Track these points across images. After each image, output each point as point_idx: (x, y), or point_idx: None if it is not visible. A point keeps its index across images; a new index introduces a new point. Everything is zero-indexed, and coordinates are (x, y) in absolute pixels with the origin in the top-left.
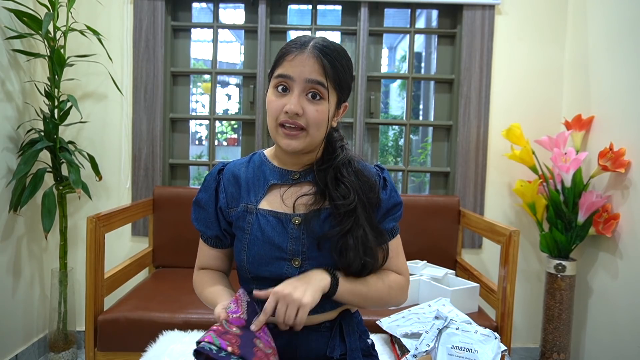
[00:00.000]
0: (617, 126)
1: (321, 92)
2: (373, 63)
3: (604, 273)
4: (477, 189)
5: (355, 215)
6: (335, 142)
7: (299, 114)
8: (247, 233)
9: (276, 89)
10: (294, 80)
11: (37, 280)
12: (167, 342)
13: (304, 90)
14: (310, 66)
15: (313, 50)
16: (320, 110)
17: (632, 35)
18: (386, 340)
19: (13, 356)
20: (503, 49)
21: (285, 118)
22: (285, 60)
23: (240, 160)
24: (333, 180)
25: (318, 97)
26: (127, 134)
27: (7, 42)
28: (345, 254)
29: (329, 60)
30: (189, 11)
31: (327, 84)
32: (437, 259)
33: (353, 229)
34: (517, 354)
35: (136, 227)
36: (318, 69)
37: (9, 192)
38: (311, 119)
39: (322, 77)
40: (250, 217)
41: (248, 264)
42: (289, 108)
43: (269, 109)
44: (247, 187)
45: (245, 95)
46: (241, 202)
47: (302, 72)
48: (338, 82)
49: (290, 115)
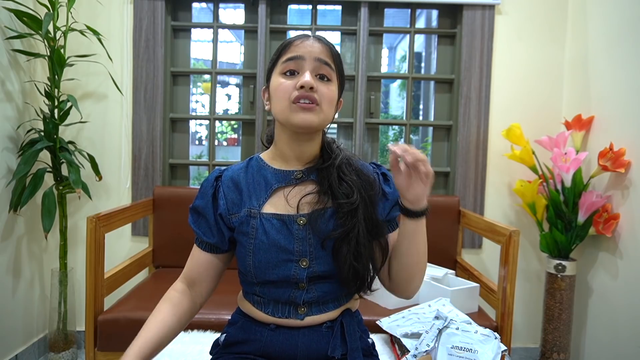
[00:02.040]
0: (617, 126)
1: (329, 74)
2: (373, 63)
3: (604, 273)
4: (477, 189)
5: (357, 215)
6: (331, 144)
7: (313, 88)
8: (251, 238)
9: (284, 74)
10: (304, 59)
11: (37, 280)
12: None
13: (314, 69)
14: (319, 47)
15: (316, 37)
16: (331, 89)
17: (632, 35)
18: (386, 340)
19: (13, 356)
20: (503, 49)
21: (299, 93)
22: (293, 45)
23: (237, 166)
24: (336, 179)
25: (327, 79)
26: (127, 134)
27: (7, 42)
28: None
29: (331, 47)
30: (189, 11)
31: (334, 67)
32: (437, 259)
33: (353, 230)
34: (517, 354)
35: (136, 227)
36: (325, 50)
37: (9, 192)
38: (323, 95)
39: (330, 60)
40: (254, 222)
41: (254, 269)
42: (304, 81)
43: (278, 91)
44: (248, 192)
45: (245, 95)
46: (243, 208)
47: (311, 52)
48: (340, 69)
49: (306, 88)
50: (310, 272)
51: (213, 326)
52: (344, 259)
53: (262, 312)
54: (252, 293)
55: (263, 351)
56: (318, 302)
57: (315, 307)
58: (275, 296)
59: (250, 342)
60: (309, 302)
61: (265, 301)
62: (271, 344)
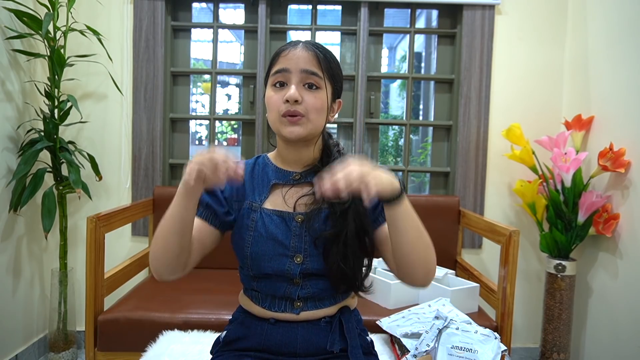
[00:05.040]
0: (617, 126)
1: (317, 82)
2: (373, 63)
3: (604, 273)
4: (477, 189)
5: (347, 217)
6: (332, 147)
7: (298, 101)
8: (251, 230)
9: (274, 86)
10: (290, 71)
11: (37, 280)
12: (167, 342)
13: (301, 80)
14: (305, 58)
15: (305, 45)
16: (318, 97)
17: (632, 35)
18: (386, 340)
19: (13, 356)
20: (503, 49)
21: (286, 108)
22: (280, 57)
23: (248, 161)
24: None
25: (315, 87)
26: (127, 134)
27: (7, 42)
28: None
29: (321, 52)
30: (189, 11)
31: (322, 74)
32: (437, 259)
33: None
34: (517, 354)
35: (136, 227)
36: (312, 59)
37: (9, 192)
38: (310, 105)
39: (317, 68)
40: (255, 215)
41: (251, 260)
42: (288, 95)
43: (269, 104)
44: (252, 187)
45: (245, 95)
46: (246, 200)
47: (297, 64)
48: (331, 73)
49: (291, 102)
50: (303, 268)
51: (213, 326)
52: (333, 259)
53: (260, 307)
54: (251, 289)
55: (263, 345)
56: (313, 298)
57: (310, 303)
58: (272, 291)
59: (251, 336)
60: (304, 298)
61: (263, 296)
62: (271, 337)
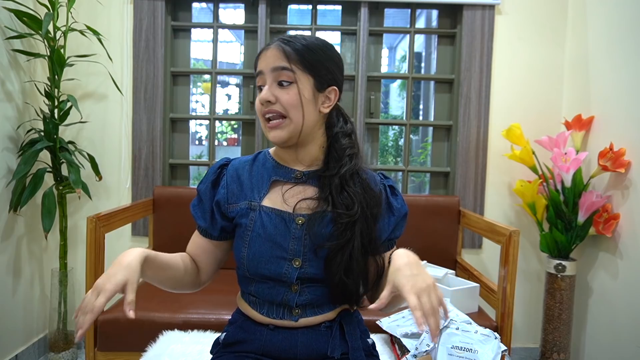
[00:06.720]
0: (617, 126)
1: (289, 77)
2: (373, 63)
3: (604, 273)
4: (477, 189)
5: (354, 229)
6: (344, 149)
7: (270, 101)
8: (249, 230)
9: (259, 89)
10: (264, 73)
11: (37, 280)
12: (167, 342)
13: (274, 79)
14: (273, 56)
15: (276, 43)
16: (292, 92)
17: (632, 35)
18: (386, 340)
19: (13, 356)
20: (503, 49)
21: (262, 111)
22: (258, 60)
23: (245, 158)
24: (338, 187)
25: (286, 83)
26: (127, 134)
27: (7, 42)
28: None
29: (291, 46)
30: (189, 11)
31: (290, 67)
32: (437, 259)
33: (349, 244)
34: (517, 354)
35: (136, 227)
36: (279, 55)
37: (9, 192)
38: (285, 103)
39: (285, 62)
40: (253, 214)
41: (247, 261)
42: (259, 97)
43: (257, 110)
44: (250, 186)
45: (245, 95)
46: (244, 200)
47: (267, 64)
48: (306, 63)
49: (264, 104)
50: (301, 272)
51: (213, 326)
52: (335, 270)
53: (258, 313)
54: (248, 293)
55: (263, 350)
56: (312, 304)
57: (309, 310)
58: (270, 297)
59: (250, 341)
60: (303, 305)
61: (260, 302)
62: (271, 343)
